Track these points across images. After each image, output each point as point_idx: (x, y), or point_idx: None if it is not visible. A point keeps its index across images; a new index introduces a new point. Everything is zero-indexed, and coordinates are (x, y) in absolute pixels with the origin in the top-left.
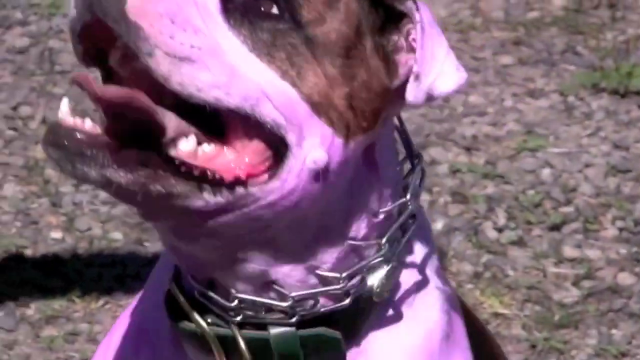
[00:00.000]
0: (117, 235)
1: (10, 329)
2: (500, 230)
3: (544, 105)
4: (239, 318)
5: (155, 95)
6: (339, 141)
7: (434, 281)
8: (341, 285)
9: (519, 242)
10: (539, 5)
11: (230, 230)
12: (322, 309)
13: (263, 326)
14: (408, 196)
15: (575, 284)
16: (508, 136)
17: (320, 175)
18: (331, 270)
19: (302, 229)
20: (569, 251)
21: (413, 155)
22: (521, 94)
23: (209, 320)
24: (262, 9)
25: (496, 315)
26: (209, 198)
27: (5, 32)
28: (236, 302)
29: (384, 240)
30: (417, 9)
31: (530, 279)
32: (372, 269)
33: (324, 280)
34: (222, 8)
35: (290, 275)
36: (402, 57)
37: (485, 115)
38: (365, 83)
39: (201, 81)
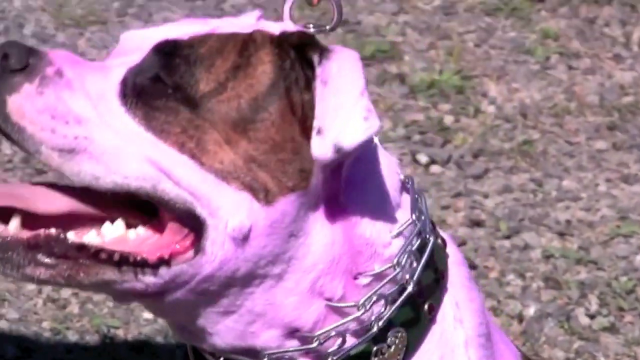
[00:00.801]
0: None
1: None
2: (592, 316)
3: (638, 190)
4: None
5: None
6: (258, 205)
7: (466, 356)
8: (315, 345)
9: (611, 329)
10: (633, 90)
11: (189, 303)
12: None
13: None
14: (395, 260)
15: None
16: (601, 222)
17: (247, 240)
18: (310, 331)
19: (261, 284)
20: None
21: (418, 221)
22: (615, 179)
23: None
24: (156, 88)
25: None
26: (147, 280)
27: None
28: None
29: (360, 302)
30: (320, 63)
31: None
32: (360, 331)
33: (301, 340)
34: (120, 93)
35: (268, 342)
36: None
37: (579, 200)
38: (279, 144)
39: (94, 169)
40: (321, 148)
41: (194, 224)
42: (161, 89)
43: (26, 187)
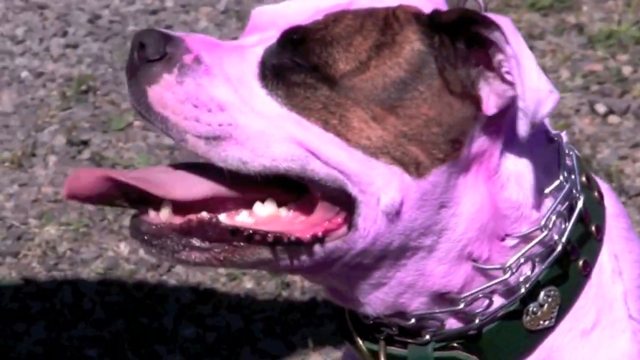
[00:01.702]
0: None
1: None
2: None
3: None
4: (382, 336)
5: None
6: (409, 178)
7: (624, 309)
8: (461, 307)
9: None
10: None
11: (342, 275)
12: (450, 330)
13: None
14: (543, 222)
15: None
16: None
17: (400, 214)
18: (458, 293)
19: (413, 255)
20: None
21: (564, 181)
22: None
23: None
24: (294, 69)
25: None
26: (302, 258)
27: None
28: (371, 322)
29: (507, 265)
30: (507, 41)
31: None
32: (508, 293)
33: (449, 302)
34: (259, 74)
35: (417, 307)
36: (487, 87)
37: None
38: (433, 119)
39: (242, 154)
40: (526, 128)
41: (345, 201)
42: (299, 68)
43: (165, 172)
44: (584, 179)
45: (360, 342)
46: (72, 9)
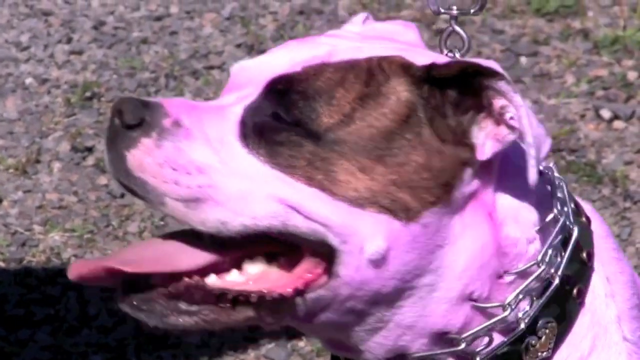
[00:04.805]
0: None
1: None
2: None
3: None
4: None
5: None
6: (398, 224)
7: (619, 332)
8: (462, 347)
9: None
10: None
11: (337, 323)
12: None
13: None
14: (539, 257)
15: None
16: None
17: (387, 259)
18: (459, 333)
19: (410, 297)
20: None
21: (559, 217)
22: None
23: None
24: (276, 125)
25: None
26: (285, 312)
27: None
28: None
29: (506, 302)
30: (514, 90)
31: None
32: (507, 329)
33: (449, 343)
34: (240, 134)
35: (417, 349)
36: (481, 134)
37: None
38: (423, 165)
39: (221, 215)
40: (536, 172)
41: (326, 252)
42: (281, 125)
43: (158, 245)
44: (572, 205)
45: None
46: (77, 16)
